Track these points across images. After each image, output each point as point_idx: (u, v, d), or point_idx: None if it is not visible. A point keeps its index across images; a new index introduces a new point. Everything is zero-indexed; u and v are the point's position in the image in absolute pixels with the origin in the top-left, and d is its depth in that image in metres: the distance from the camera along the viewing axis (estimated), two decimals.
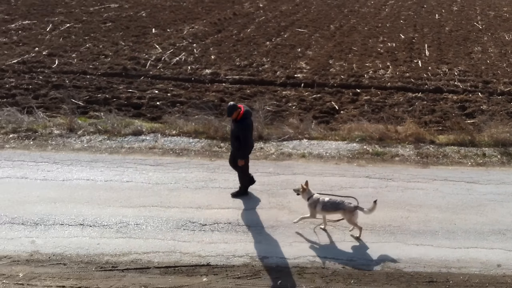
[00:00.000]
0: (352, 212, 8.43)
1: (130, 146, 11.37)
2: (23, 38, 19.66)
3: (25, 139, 11.61)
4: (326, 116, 13.93)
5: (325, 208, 8.55)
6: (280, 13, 26.45)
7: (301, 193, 8.81)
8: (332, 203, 8.54)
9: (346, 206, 8.45)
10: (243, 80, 16.37)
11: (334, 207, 8.53)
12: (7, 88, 14.86)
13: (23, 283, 7.37)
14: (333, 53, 19.48)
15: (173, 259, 7.95)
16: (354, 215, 8.47)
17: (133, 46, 19.13)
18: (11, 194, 9.42)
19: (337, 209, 8.53)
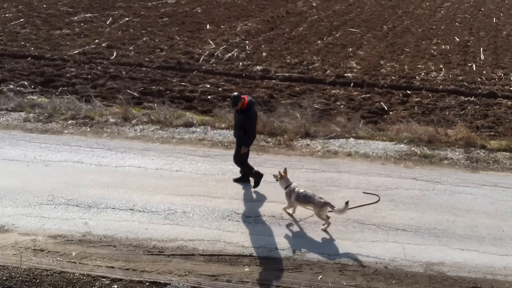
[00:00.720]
0: (321, 207, 8.61)
1: (180, 137, 11.71)
2: (85, 30, 20.50)
3: (83, 126, 12.17)
4: (374, 116, 13.87)
5: (298, 198, 8.78)
6: (333, 12, 26.36)
7: (279, 180, 9.04)
8: (304, 195, 8.75)
9: (316, 200, 8.64)
10: (293, 77, 16.49)
11: (306, 200, 8.75)
12: (68, 77, 15.58)
13: (75, 262, 7.73)
14: (384, 54, 19.29)
15: (217, 248, 8.16)
16: (322, 210, 8.63)
17: (187, 41, 19.59)
18: (67, 177, 9.91)
19: (308, 201, 8.75)
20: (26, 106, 12.96)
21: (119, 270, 7.59)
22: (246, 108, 9.29)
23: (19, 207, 8.97)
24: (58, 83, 15.08)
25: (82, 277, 7.40)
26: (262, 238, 8.42)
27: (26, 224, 8.52)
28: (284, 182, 9.01)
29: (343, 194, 9.66)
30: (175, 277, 7.49)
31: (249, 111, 9.33)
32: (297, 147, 11.61)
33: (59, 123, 12.27)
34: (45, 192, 9.38)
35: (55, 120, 12.41)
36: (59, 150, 10.95)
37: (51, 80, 15.33)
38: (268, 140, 11.85)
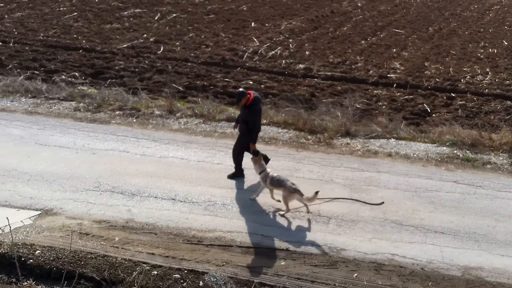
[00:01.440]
0: (290, 192, 8.82)
1: (222, 131, 11.94)
2: (134, 25, 21.07)
3: (129, 117, 12.58)
4: (416, 118, 13.73)
5: (272, 183, 9.05)
6: (378, 13, 26.09)
7: (254, 165, 9.29)
8: (277, 179, 8.98)
9: (287, 185, 8.85)
10: (335, 76, 16.48)
11: (279, 184, 8.96)
12: (116, 69, 16.11)
13: (118, 247, 8.03)
14: (429, 56, 19.01)
15: (255, 240, 8.32)
16: (290, 195, 8.85)
17: (232, 38, 19.85)
18: (113, 165, 10.30)
19: (280, 185, 8.96)
20: (76, 96, 13.50)
21: (159, 257, 7.84)
22: (250, 104, 9.47)
23: (67, 192, 9.40)
24: (107, 75, 15.61)
25: (124, 262, 7.67)
26: (299, 234, 8.54)
27: (73, 209, 8.93)
28: (259, 167, 9.30)
29: (382, 194, 9.67)
30: (213, 267, 7.69)
31: (252, 107, 9.51)
32: (337, 145, 11.65)
33: (107, 113, 12.72)
34: (92, 179, 9.79)
35: (103, 110, 12.87)
36: (106, 139, 11.36)
37: (101, 72, 15.88)
38: (308, 137, 11.93)
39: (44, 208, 8.91)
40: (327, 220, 8.92)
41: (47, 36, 18.98)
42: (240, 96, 9.42)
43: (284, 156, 10.95)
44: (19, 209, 8.87)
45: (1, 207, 8.90)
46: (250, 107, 9.49)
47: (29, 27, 19.98)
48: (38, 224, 8.49)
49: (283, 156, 10.94)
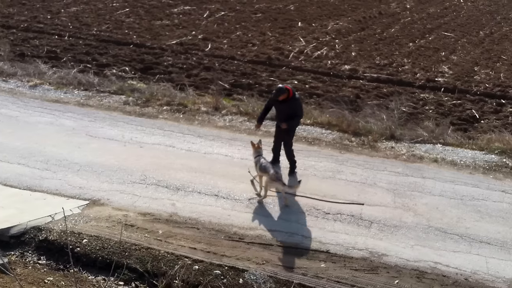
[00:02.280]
0: (272, 179, 8.91)
1: (267, 129, 11.99)
2: (183, 22, 21.40)
3: (176, 112, 12.81)
4: (464, 123, 13.38)
5: (260, 168, 9.24)
6: (427, 15, 25.53)
7: (252, 149, 9.62)
8: (264, 165, 9.16)
9: (271, 172, 8.96)
10: (381, 79, 16.27)
11: (264, 169, 9.11)
12: (165, 65, 16.43)
13: (161, 240, 8.22)
14: (479, 60, 18.48)
15: (295, 241, 8.35)
16: (271, 183, 8.97)
17: (278, 37, 19.88)
18: (159, 159, 10.54)
19: (265, 171, 9.09)
20: (126, 90, 13.85)
21: (200, 252, 7.98)
22: (294, 95, 9.57)
23: (114, 183, 9.69)
24: (155, 71, 15.95)
25: (167, 255, 7.85)
26: (340, 236, 8.51)
27: (119, 200, 9.20)
28: (255, 152, 9.55)
29: (426, 201, 9.51)
30: (253, 265, 7.77)
31: (298, 98, 9.71)
32: (381, 148, 11.52)
33: (155, 108, 13.01)
34: (138, 172, 10.05)
35: (151, 105, 13.16)
36: (153, 133, 11.62)
37: (150, 67, 16.24)
38: (352, 139, 11.84)
39: (92, 198, 9.22)
40: (369, 224, 8.85)
41: (100, 30, 19.55)
42: (282, 92, 9.43)
43: (327, 157, 10.91)
44: (68, 198, 9.21)
45: (52, 195, 9.27)
46: (295, 98, 9.59)
47: (83, 22, 20.63)
48: (86, 213, 8.80)
49: (325, 157, 10.91)
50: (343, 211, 9.13)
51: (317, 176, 10.19)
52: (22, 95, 13.51)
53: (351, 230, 8.68)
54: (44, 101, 13.16)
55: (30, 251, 8.08)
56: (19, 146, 10.76)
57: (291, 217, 8.93)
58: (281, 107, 9.71)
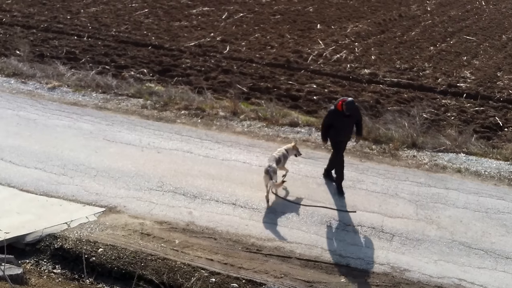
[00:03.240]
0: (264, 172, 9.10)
1: (285, 136, 11.82)
2: (201, 23, 21.26)
3: (194, 117, 12.67)
4: (487, 131, 13.04)
5: None
6: (448, 18, 25.05)
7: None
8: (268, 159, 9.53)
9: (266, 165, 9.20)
10: (401, 83, 15.95)
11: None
12: (183, 67, 16.30)
13: (178, 250, 8.07)
14: (502, 65, 18.04)
15: (314, 254, 8.18)
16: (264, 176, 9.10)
17: (297, 40, 19.63)
18: (177, 165, 10.41)
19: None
20: (144, 93, 13.75)
21: (217, 263, 7.84)
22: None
23: (131, 190, 9.59)
24: (174, 73, 15.83)
25: (183, 266, 7.72)
26: (361, 250, 8.31)
27: (136, 208, 9.09)
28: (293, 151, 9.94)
29: (450, 213, 9.25)
30: (271, 278, 7.62)
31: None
32: (402, 157, 11.25)
33: (173, 112, 12.88)
34: (156, 178, 9.93)
35: (169, 109, 13.05)
36: (171, 138, 11.50)
37: (168, 70, 16.14)
38: (373, 147, 11.59)
39: (109, 205, 9.13)
40: (391, 237, 8.63)
41: (118, 31, 19.51)
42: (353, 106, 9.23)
43: (347, 166, 10.56)
44: (84, 204, 9.13)
45: (68, 201, 9.19)
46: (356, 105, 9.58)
47: (103, 22, 20.61)
48: (102, 221, 8.70)
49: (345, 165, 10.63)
50: (363, 223, 8.92)
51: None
52: (41, 97, 13.49)
53: (372, 243, 8.46)
54: (63, 103, 13.13)
55: (45, 260, 8.01)
56: (37, 150, 10.72)
57: (310, 229, 8.74)
58: (345, 120, 9.35)
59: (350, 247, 8.35)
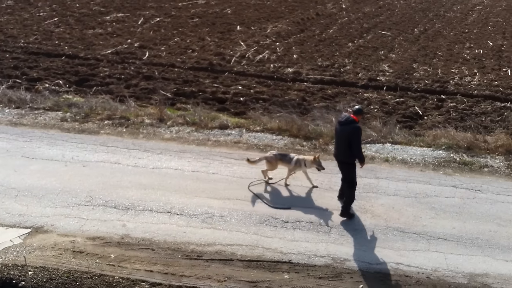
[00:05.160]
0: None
1: (216, 139, 11.67)
2: (117, 30, 20.64)
3: (119, 126, 12.21)
4: (409, 120, 13.64)
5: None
6: (363, 15, 26.09)
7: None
8: None
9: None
10: (325, 80, 16.34)
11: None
12: (101, 76, 15.70)
13: (114, 265, 7.71)
14: (417, 57, 19.02)
15: (256, 254, 8.09)
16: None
17: (218, 42, 19.58)
18: (105, 178, 9.94)
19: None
20: (62, 106, 13.06)
21: (158, 274, 7.57)
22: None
23: (57, 207, 9.03)
24: (92, 83, 15.21)
25: (122, 281, 7.39)
26: (301, 245, 8.33)
27: (65, 225, 8.57)
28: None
29: (382, 201, 9.52)
30: (215, 283, 7.45)
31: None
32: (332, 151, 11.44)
33: (96, 123, 12.33)
34: (83, 193, 9.43)
35: (91, 120, 12.48)
36: (96, 150, 11.00)
37: (85, 79, 15.47)
38: (304, 143, 11.73)
39: (34, 225, 8.53)
40: (329, 229, 8.72)
41: (27, 42, 18.47)
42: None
43: None
44: (7, 227, 8.46)
45: None
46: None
47: (9, 34, 19.44)
48: (28, 243, 8.11)
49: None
50: (301, 219, 8.96)
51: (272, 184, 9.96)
52: None
53: (312, 237, 8.51)
54: None
55: None
56: None
57: (250, 229, 8.65)
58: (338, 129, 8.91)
59: (290, 243, 8.35)
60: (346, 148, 8.63)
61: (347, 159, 8.77)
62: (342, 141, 8.69)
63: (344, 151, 8.72)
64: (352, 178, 8.90)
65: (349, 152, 8.65)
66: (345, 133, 8.58)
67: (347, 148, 8.61)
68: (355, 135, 8.54)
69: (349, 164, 8.82)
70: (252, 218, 8.94)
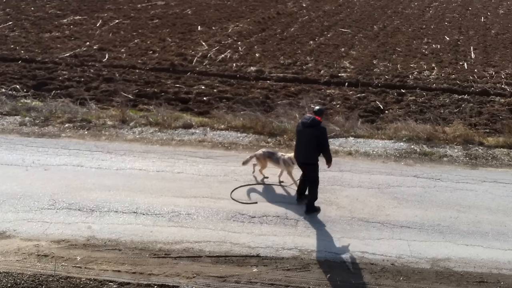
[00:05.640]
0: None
1: (180, 138, 11.63)
2: (75, 33, 20.27)
3: (80, 129, 12.00)
4: (371, 115, 13.93)
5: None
6: (323, 13, 26.45)
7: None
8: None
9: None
10: (288, 78, 16.49)
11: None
12: (60, 80, 15.40)
13: (81, 266, 7.61)
14: (377, 54, 19.40)
15: (224, 249, 8.12)
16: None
17: (179, 43, 19.49)
18: (68, 181, 9.77)
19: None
20: (21, 110, 12.75)
21: (126, 273, 7.50)
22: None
23: (20, 212, 8.82)
24: (51, 86, 14.90)
25: (89, 282, 7.30)
26: (269, 238, 8.40)
27: (28, 230, 8.39)
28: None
29: (347, 193, 9.70)
30: (183, 279, 7.44)
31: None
32: None
33: (56, 126, 12.10)
34: (46, 197, 9.25)
35: (51, 123, 12.23)
36: (58, 153, 10.79)
37: (44, 83, 15.14)
38: (268, 140, 11.82)
39: None
40: (295, 222, 8.82)
41: None
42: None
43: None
44: None
45: None
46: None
47: None
48: None
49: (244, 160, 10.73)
50: (268, 213, 9.03)
51: (238, 180, 10.01)
52: None
53: (279, 231, 8.59)
54: None
55: None
56: None
57: (217, 226, 8.66)
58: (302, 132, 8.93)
59: (258, 237, 8.40)
60: (311, 149, 8.69)
61: (312, 160, 8.83)
62: (307, 143, 8.72)
63: (309, 153, 8.76)
64: (316, 177, 9.01)
65: (313, 153, 8.72)
66: (312, 135, 8.63)
67: (312, 149, 8.68)
68: (323, 136, 8.64)
69: (313, 164, 8.89)
70: (219, 214, 8.96)
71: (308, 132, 8.66)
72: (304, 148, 8.82)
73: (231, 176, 10.13)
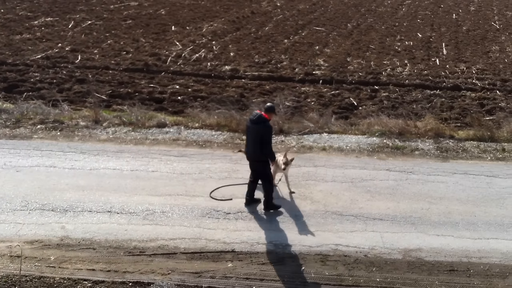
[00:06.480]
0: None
1: (154, 137, 11.60)
2: (46, 35, 20.02)
3: (52, 130, 11.89)
4: (345, 111, 14.09)
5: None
6: (298, 12, 26.61)
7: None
8: None
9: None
10: (262, 76, 16.57)
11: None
12: (32, 82, 15.21)
13: (55, 266, 7.58)
14: (350, 51, 19.61)
15: (199, 246, 8.14)
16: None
17: (153, 43, 19.40)
18: (41, 182, 9.68)
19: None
20: None
21: (100, 272, 7.49)
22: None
23: None
24: (22, 88, 14.71)
25: (63, 281, 7.28)
26: (243, 234, 8.45)
27: (0, 231, 8.29)
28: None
29: (321, 188, 9.80)
30: (158, 276, 7.45)
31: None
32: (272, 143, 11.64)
33: (28, 128, 11.96)
34: (18, 198, 9.15)
35: (23, 125, 12.09)
36: (30, 155, 10.68)
37: (15, 86, 14.94)
38: (243, 138, 11.82)
39: None
40: (270, 218, 8.89)
41: None
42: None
43: (221, 158, 10.82)
44: None
45: None
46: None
47: None
48: None
49: (219, 158, 10.81)
50: (243, 209, 9.08)
51: (213, 178, 10.04)
52: None
53: (254, 226, 8.65)
54: None
55: None
56: None
57: (192, 222, 8.68)
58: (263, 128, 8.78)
59: (233, 233, 8.45)
60: (258, 146, 8.67)
61: (258, 156, 8.80)
62: (254, 139, 8.69)
63: (256, 149, 8.72)
64: (268, 174, 8.99)
65: (260, 150, 8.69)
66: (258, 132, 8.60)
67: (259, 146, 8.66)
68: (266, 134, 8.62)
69: (263, 161, 8.87)
70: (194, 212, 8.97)
71: (255, 128, 8.65)
72: (251, 145, 8.80)
73: (205, 174, 10.15)
